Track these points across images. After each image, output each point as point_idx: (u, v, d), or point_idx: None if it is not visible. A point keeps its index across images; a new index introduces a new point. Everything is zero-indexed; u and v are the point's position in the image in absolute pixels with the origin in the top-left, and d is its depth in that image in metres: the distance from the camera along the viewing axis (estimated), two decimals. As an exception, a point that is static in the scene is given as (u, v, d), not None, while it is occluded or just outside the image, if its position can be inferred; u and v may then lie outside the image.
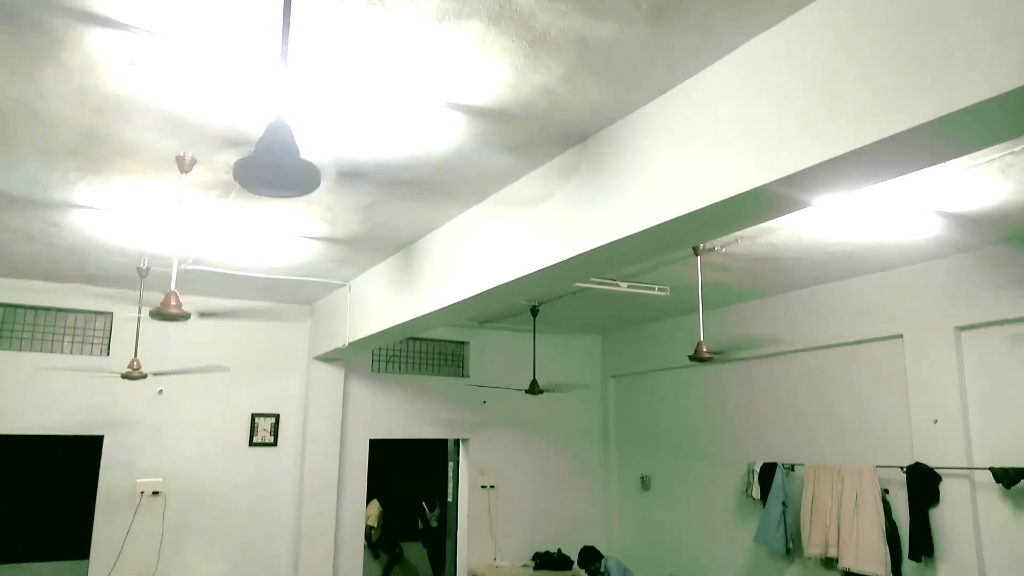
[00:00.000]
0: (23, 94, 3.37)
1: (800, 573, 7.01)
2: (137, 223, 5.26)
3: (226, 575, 7.49)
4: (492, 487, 9.11)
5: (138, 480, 7.28)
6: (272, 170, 1.94)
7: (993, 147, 3.81)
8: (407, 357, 9.07)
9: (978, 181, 4.35)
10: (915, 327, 6.15)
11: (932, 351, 6.00)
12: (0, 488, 9.32)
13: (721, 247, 5.74)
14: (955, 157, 2.68)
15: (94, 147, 3.94)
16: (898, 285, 6.32)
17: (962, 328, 5.87)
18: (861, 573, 6.21)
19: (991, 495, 5.59)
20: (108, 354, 7.35)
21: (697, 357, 5.88)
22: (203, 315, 7.71)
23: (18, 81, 3.25)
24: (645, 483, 9.17)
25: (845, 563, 6.31)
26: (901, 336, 6.27)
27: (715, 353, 6.21)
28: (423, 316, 5.80)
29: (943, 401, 5.88)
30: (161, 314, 4.31)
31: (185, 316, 4.37)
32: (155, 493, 7.32)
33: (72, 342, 7.32)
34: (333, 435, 8.14)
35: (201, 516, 7.52)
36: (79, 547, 7.55)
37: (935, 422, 5.91)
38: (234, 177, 1.93)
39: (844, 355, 6.83)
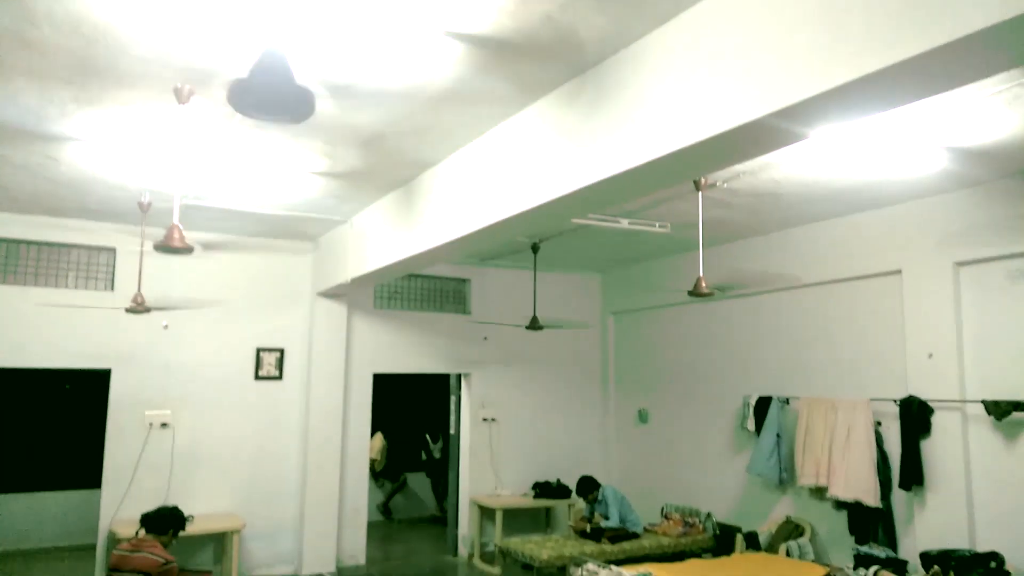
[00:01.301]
0: (14, 21, 3.32)
1: (792, 502, 7.21)
2: (137, 157, 5.24)
3: (235, 504, 7.71)
4: (493, 420, 9.29)
5: (147, 412, 7.43)
6: (266, 93, 1.94)
7: (1001, 78, 3.78)
8: (409, 294, 9.13)
9: (986, 113, 4.31)
10: (914, 263, 6.18)
11: (930, 287, 6.03)
12: (15, 421, 9.53)
13: (723, 182, 5.72)
14: (960, 86, 2.66)
15: (89, 77, 3.90)
16: (898, 221, 6.31)
17: (961, 264, 5.89)
18: (851, 501, 6.39)
19: (982, 427, 5.71)
20: (112, 289, 7.41)
21: (696, 292, 5.92)
22: (207, 248, 7.72)
23: (8, 7, 3.19)
24: (643, 417, 9.34)
25: (834, 492, 6.48)
26: (900, 272, 6.30)
27: (714, 289, 6.26)
28: (424, 252, 5.83)
29: (939, 336, 5.95)
30: (165, 247, 4.34)
31: (188, 249, 4.40)
32: (163, 425, 7.48)
33: (76, 277, 7.37)
34: (337, 369, 8.27)
35: (209, 447, 7.70)
36: (92, 477, 7.74)
37: (930, 356, 5.99)
38: (228, 100, 1.93)
39: (842, 291, 6.88)
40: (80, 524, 8.71)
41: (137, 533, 4.70)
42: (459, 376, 9.42)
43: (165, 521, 4.73)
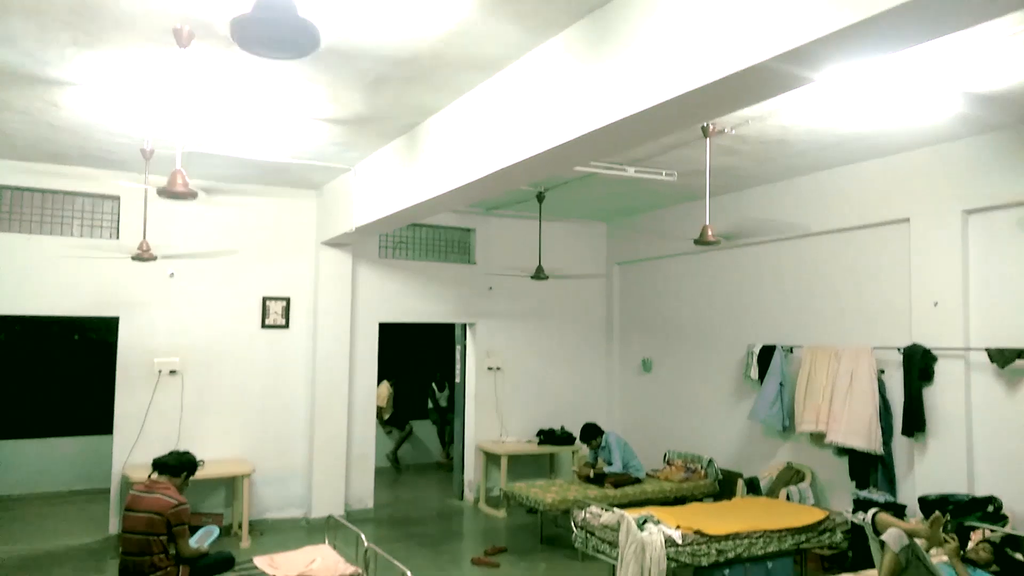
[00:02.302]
0: (12, -40, 3.25)
1: (794, 448, 7.30)
2: (137, 103, 5.19)
3: (245, 450, 7.84)
4: (498, 369, 9.37)
5: (155, 359, 7.51)
6: (269, 28, 1.90)
7: (1018, 19, 3.69)
8: (414, 243, 9.12)
9: (1002, 56, 4.22)
10: (923, 211, 6.13)
11: (938, 234, 6.00)
12: (28, 369, 9.66)
13: (731, 129, 5.64)
14: (970, 26, 2.60)
15: (88, 18, 3.84)
16: (908, 169, 6.25)
17: (970, 211, 5.85)
18: (851, 448, 6.46)
19: (985, 375, 5.74)
20: (118, 237, 7.42)
21: (702, 241, 5.90)
22: (211, 195, 7.69)
23: (6, -55, 3.13)
24: (646, 366, 9.40)
25: (834, 438, 6.55)
26: (908, 220, 6.25)
27: (720, 237, 6.23)
28: (428, 200, 5.80)
29: (945, 284, 5.94)
30: (168, 192, 4.32)
31: (192, 195, 4.38)
32: (172, 372, 7.57)
33: (82, 225, 7.37)
34: (343, 318, 8.31)
35: (218, 394, 7.80)
36: (104, 423, 7.87)
37: (935, 305, 5.99)
38: (232, 36, 1.89)
39: (849, 240, 6.84)
40: (94, 469, 8.89)
41: (150, 476, 4.79)
42: (464, 326, 9.46)
43: (178, 464, 4.81)
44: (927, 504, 5.54)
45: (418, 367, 11.82)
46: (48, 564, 6.35)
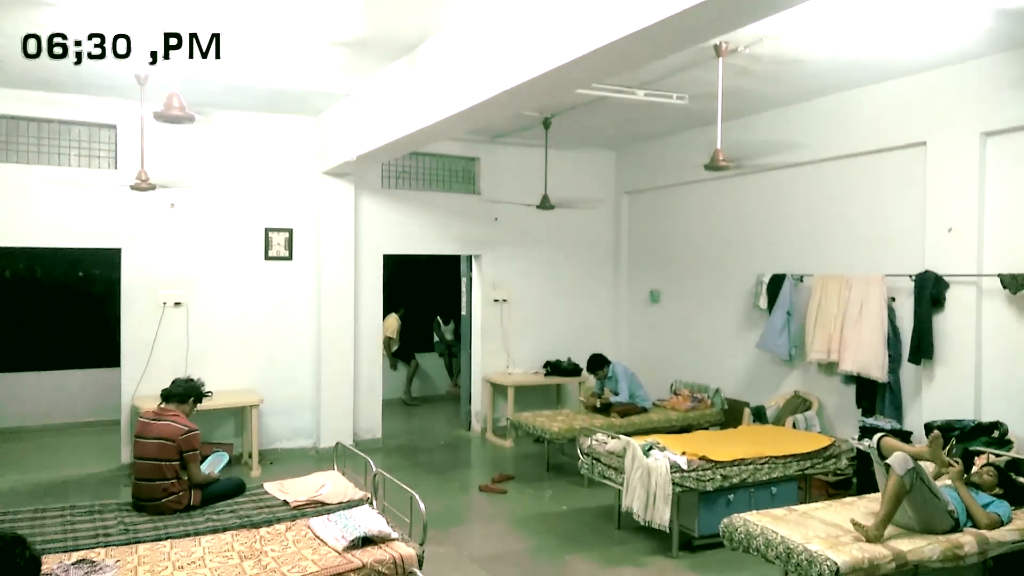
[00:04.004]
0: None
1: (800, 377, 7.29)
2: (128, 23, 4.99)
3: (252, 381, 7.88)
4: (504, 301, 9.33)
5: (159, 292, 7.49)
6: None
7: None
8: (417, 173, 8.97)
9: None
10: (940, 133, 5.96)
11: (955, 158, 5.84)
12: (35, 304, 9.68)
13: (744, 47, 5.44)
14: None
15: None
16: (926, 90, 6.04)
17: (989, 133, 5.67)
18: (858, 376, 6.45)
19: (996, 301, 5.66)
20: (116, 167, 7.30)
21: (713, 166, 5.76)
22: (208, 123, 7.50)
23: None
24: (654, 297, 9.35)
25: (844, 367, 6.53)
26: (924, 143, 6.08)
27: (731, 162, 6.08)
28: (430, 126, 5.66)
29: (960, 209, 5.81)
30: (165, 116, 4.21)
31: (190, 118, 4.27)
32: (177, 304, 7.55)
33: (79, 155, 7.25)
34: (347, 249, 8.24)
35: (224, 326, 7.79)
36: (111, 356, 7.90)
37: (949, 230, 5.88)
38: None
39: (863, 165, 6.68)
40: (104, 401, 8.96)
41: (160, 405, 4.80)
42: (470, 258, 9.39)
43: (185, 391, 4.82)
44: (932, 430, 5.54)
45: (423, 301, 11.81)
46: (63, 491, 6.46)
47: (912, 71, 6.03)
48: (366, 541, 3.82)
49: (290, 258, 8.13)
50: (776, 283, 7.35)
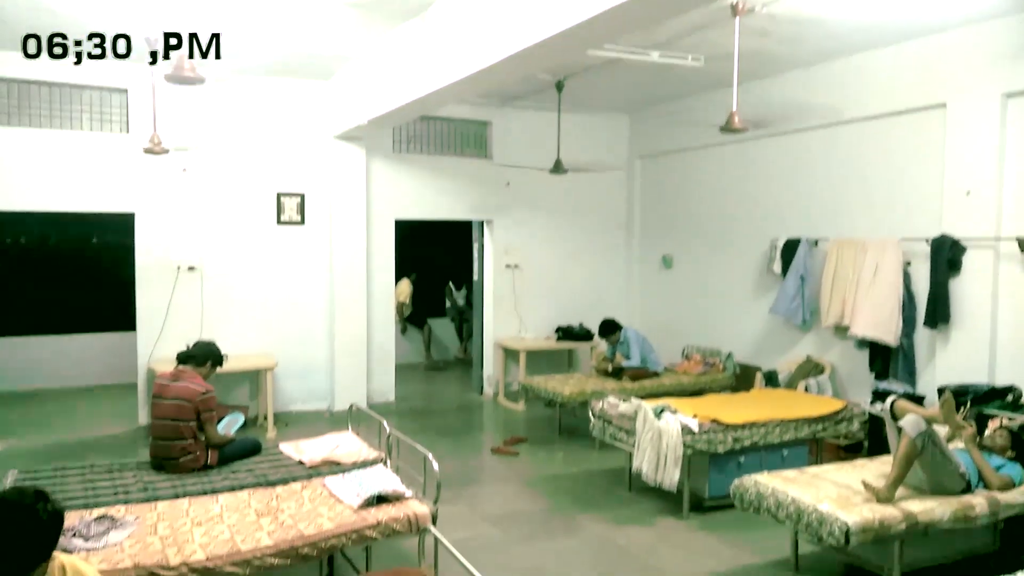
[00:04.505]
0: None
1: (814, 342, 7.28)
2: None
3: (266, 345, 7.94)
4: (516, 266, 9.33)
5: (173, 256, 7.53)
6: None
7: None
8: (429, 137, 8.92)
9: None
10: (960, 95, 5.86)
11: (975, 120, 5.75)
12: (50, 269, 9.78)
13: (762, 6, 5.33)
14: None
15: None
16: (946, 50, 5.93)
17: (1010, 95, 5.57)
18: (872, 340, 6.43)
19: (1014, 265, 5.60)
20: (128, 131, 7.30)
21: (728, 128, 5.67)
22: (220, 86, 7.46)
23: None
24: (667, 262, 9.32)
25: (856, 331, 6.51)
26: (944, 105, 5.98)
27: (748, 125, 5.99)
28: (441, 89, 5.61)
29: (979, 172, 5.73)
30: (175, 77, 4.19)
31: (200, 79, 4.25)
32: (191, 268, 7.59)
33: (91, 119, 7.25)
34: (359, 214, 8.24)
35: (237, 290, 7.84)
36: (127, 320, 7.97)
37: (967, 194, 5.80)
38: None
39: (881, 127, 6.58)
40: (120, 364, 9.05)
41: (176, 367, 4.85)
42: (481, 223, 9.37)
43: (203, 354, 4.86)
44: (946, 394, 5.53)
45: (435, 266, 11.82)
46: (81, 451, 6.57)
47: (932, 31, 5.91)
48: (381, 499, 3.87)
49: (302, 223, 8.14)
50: (790, 248, 7.31)
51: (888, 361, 6.42)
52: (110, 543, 3.39)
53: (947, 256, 5.87)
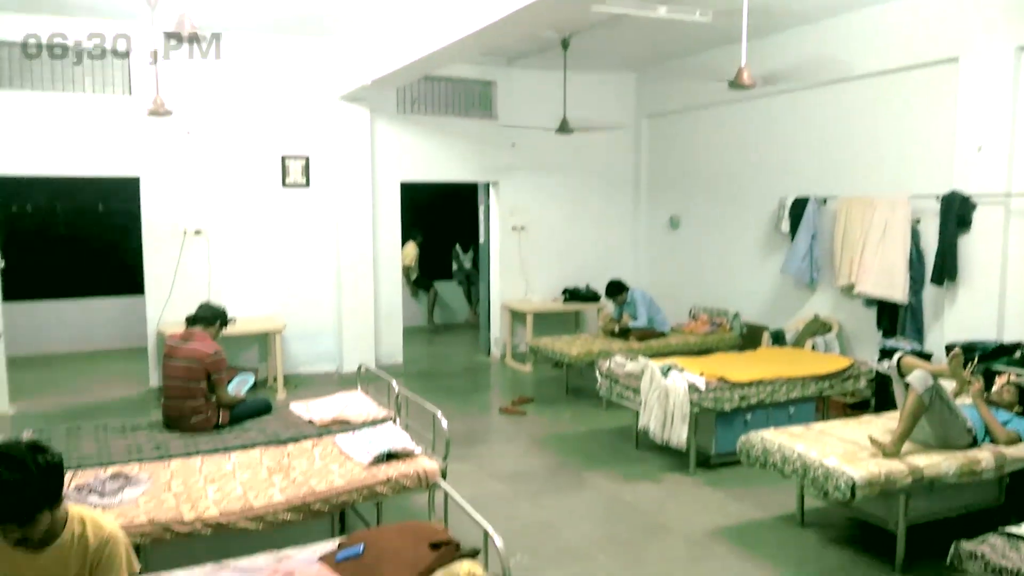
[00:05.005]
0: None
1: (822, 301, 7.26)
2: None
3: (274, 308, 7.97)
4: (523, 228, 9.30)
5: (179, 219, 7.53)
6: None
7: None
8: (434, 98, 8.83)
9: None
10: (973, 49, 5.75)
11: (988, 74, 5.65)
12: (58, 234, 9.80)
13: (771, -42, 5.21)
14: None
15: None
16: (959, 3, 5.83)
17: (1025, 48, 5.48)
18: (881, 299, 6.41)
19: (1024, 221, 5.57)
20: (130, 93, 7.25)
21: (737, 84, 5.57)
22: (220, 45, 7.32)
23: None
24: (674, 223, 9.27)
25: (863, 289, 6.50)
26: (956, 59, 5.88)
27: (756, 80, 5.90)
28: (446, 47, 5.53)
29: (991, 127, 5.65)
30: (175, 35, 4.14)
31: (201, 38, 4.19)
32: (197, 232, 7.59)
33: (93, 82, 7.19)
34: (364, 177, 8.21)
35: (244, 253, 7.86)
36: (136, 284, 7.99)
37: (979, 149, 5.73)
38: None
39: (892, 83, 6.48)
40: (130, 328, 9.13)
41: (186, 329, 4.88)
42: (487, 185, 9.32)
43: (211, 315, 4.88)
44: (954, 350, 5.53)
45: (441, 229, 11.79)
46: (94, 413, 6.64)
47: (947, -19, 5.79)
48: (390, 456, 3.92)
49: (307, 185, 8.11)
50: (799, 207, 7.25)
51: (896, 319, 6.41)
52: (125, 500, 3.45)
53: (957, 213, 5.82)
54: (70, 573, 2.20)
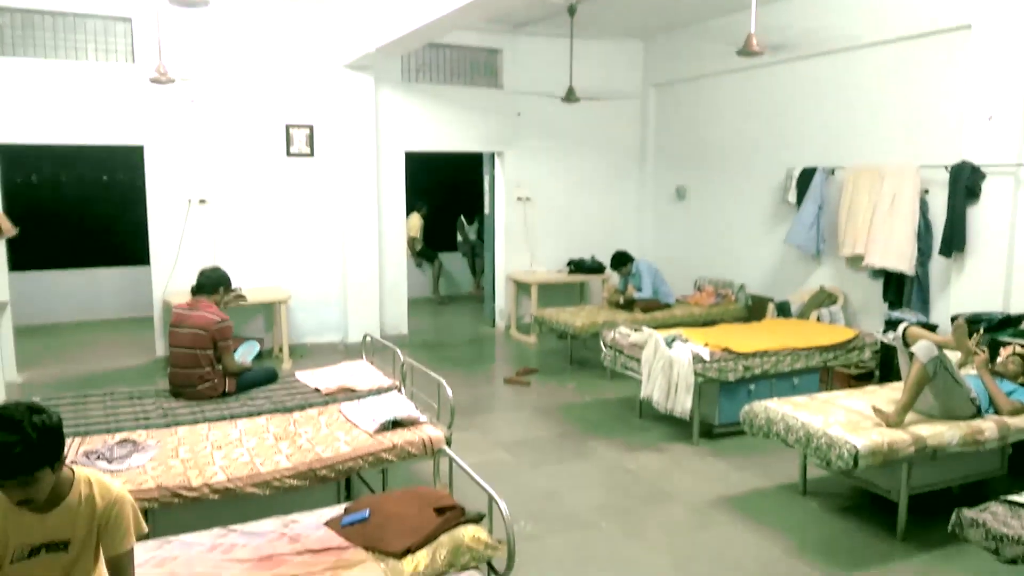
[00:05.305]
0: None
1: (828, 272, 7.23)
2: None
3: (279, 279, 7.97)
4: (528, 199, 9.26)
5: (183, 188, 7.50)
6: None
7: None
8: (439, 66, 8.74)
9: None
10: (986, 15, 5.65)
11: (1001, 41, 5.56)
12: (63, 204, 9.79)
13: (783, -79, 5.11)
14: None
15: None
16: (976, -32, 5.71)
17: (1040, 14, 5.38)
18: (888, 270, 6.39)
19: (1035, 192, 5.51)
20: (133, 61, 7.19)
21: (746, 52, 5.50)
22: (224, 9, 7.31)
23: None
24: (680, 194, 9.22)
25: (871, 260, 6.47)
26: (969, 26, 5.78)
27: (764, 47, 5.82)
28: (451, 13, 5.46)
29: (1003, 96, 5.57)
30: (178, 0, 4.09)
31: (204, 2, 4.14)
32: (202, 201, 7.58)
33: (96, 49, 7.13)
34: (368, 146, 8.16)
35: (249, 223, 7.84)
36: (141, 254, 8.00)
37: (990, 119, 5.66)
38: None
39: (902, 50, 6.39)
40: (136, 298, 9.15)
41: (192, 298, 4.89)
42: (492, 155, 9.26)
43: (214, 281, 4.89)
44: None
45: (446, 200, 11.75)
46: (101, 382, 6.69)
47: (962, -54, 5.67)
48: (396, 424, 3.94)
49: (311, 155, 8.07)
50: (806, 177, 7.19)
51: (902, 290, 6.39)
52: (133, 465, 3.49)
53: (966, 183, 5.77)
54: (78, 534, 2.22)
